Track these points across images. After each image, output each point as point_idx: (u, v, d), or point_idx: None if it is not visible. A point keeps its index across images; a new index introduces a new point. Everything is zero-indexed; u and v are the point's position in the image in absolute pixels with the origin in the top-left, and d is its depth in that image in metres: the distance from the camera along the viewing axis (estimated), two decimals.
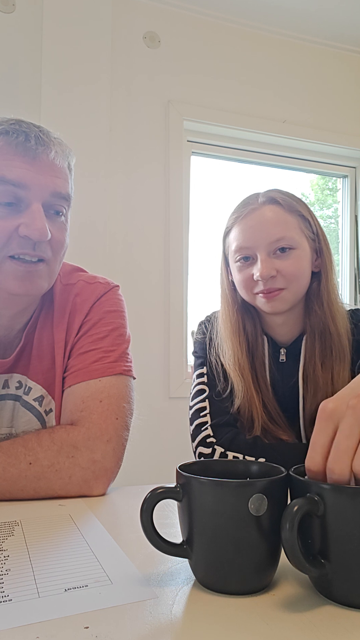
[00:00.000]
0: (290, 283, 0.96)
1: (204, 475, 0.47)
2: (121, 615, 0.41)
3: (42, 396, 0.89)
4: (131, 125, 2.40)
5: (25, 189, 0.77)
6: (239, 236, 0.98)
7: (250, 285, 0.98)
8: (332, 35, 2.74)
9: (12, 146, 0.77)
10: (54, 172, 0.81)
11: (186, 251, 2.54)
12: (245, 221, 0.98)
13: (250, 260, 0.98)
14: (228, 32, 2.61)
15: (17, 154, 0.77)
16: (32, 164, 0.78)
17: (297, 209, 0.99)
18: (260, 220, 0.97)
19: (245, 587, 0.45)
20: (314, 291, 1.01)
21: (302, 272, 0.97)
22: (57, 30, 2.18)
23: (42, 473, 0.76)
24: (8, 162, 0.77)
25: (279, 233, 0.95)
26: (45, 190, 0.79)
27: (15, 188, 0.77)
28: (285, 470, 0.49)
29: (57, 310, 0.92)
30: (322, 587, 0.45)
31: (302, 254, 0.97)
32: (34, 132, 0.80)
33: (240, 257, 0.98)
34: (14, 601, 0.43)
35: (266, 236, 0.95)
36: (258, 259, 0.96)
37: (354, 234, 2.90)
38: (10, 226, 0.78)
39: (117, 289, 0.99)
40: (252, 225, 0.97)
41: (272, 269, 0.94)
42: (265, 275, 0.94)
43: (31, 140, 0.78)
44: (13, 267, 0.79)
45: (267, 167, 2.81)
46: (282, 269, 0.95)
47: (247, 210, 0.99)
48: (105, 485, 0.80)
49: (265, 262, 0.94)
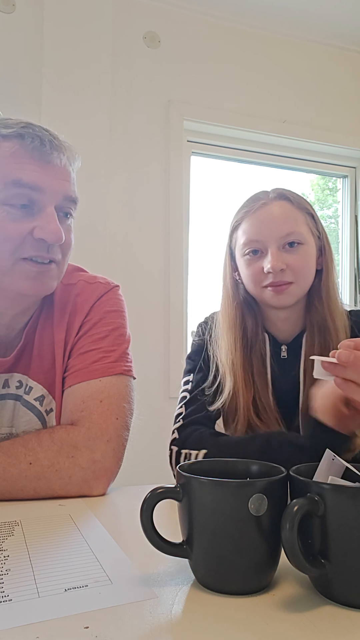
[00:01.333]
0: (299, 277, 0.97)
1: (204, 476, 0.47)
2: (121, 615, 0.41)
3: (42, 396, 0.89)
4: (131, 125, 2.40)
5: (40, 192, 0.79)
6: (250, 230, 0.99)
7: (259, 278, 0.98)
8: (332, 35, 2.74)
9: (28, 150, 0.78)
10: (64, 176, 0.82)
11: (186, 251, 2.54)
12: (256, 215, 0.99)
13: (259, 254, 0.99)
14: (228, 32, 2.60)
15: (32, 158, 0.79)
16: (46, 168, 0.80)
17: (305, 206, 1.02)
18: (271, 214, 0.98)
19: (245, 587, 0.45)
20: (316, 288, 1.02)
21: (309, 268, 0.99)
22: (57, 31, 2.18)
23: (42, 473, 0.76)
24: (24, 165, 0.78)
25: (289, 228, 0.97)
26: (58, 194, 0.81)
27: (31, 191, 0.78)
28: (285, 470, 0.49)
29: (57, 310, 0.92)
30: (322, 587, 0.45)
31: (309, 249, 0.99)
32: (47, 136, 0.81)
33: (250, 250, 0.99)
34: (14, 601, 0.43)
35: (277, 230, 0.97)
36: (268, 253, 0.97)
37: (354, 234, 2.90)
38: (24, 229, 0.79)
39: (118, 289, 1.00)
40: (262, 220, 0.98)
41: (282, 262, 0.95)
42: (276, 268, 0.94)
43: (46, 145, 0.80)
44: (26, 268, 0.80)
45: (267, 167, 2.81)
46: (291, 263, 0.96)
47: (257, 205, 1.00)
48: (105, 485, 0.80)
49: (276, 255, 0.96)
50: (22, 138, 0.79)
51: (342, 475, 0.54)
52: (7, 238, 0.78)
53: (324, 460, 0.54)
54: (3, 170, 0.77)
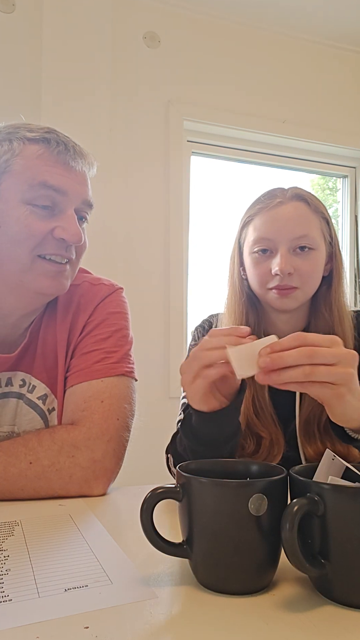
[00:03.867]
0: (305, 283, 0.95)
1: (203, 476, 0.47)
2: (121, 615, 0.41)
3: (45, 394, 0.90)
4: (131, 125, 2.40)
5: (63, 195, 0.82)
6: (261, 227, 0.97)
7: (265, 279, 0.96)
8: (332, 35, 2.74)
9: (54, 154, 0.82)
10: (84, 181, 0.87)
11: (186, 251, 2.54)
12: (270, 213, 0.96)
13: (268, 254, 0.96)
14: (228, 32, 2.60)
15: (58, 162, 0.82)
16: (70, 172, 0.83)
17: (321, 210, 0.99)
18: (286, 214, 0.95)
19: (245, 587, 0.45)
20: (323, 295, 1.00)
21: (316, 274, 0.97)
22: (57, 31, 2.18)
23: (42, 472, 0.76)
24: (50, 168, 0.82)
25: (302, 230, 0.94)
26: (79, 198, 0.85)
27: (55, 193, 0.82)
28: (285, 471, 0.49)
29: (60, 310, 0.93)
30: (322, 587, 0.45)
31: (319, 255, 0.97)
32: (70, 142, 0.85)
33: (259, 248, 0.96)
34: (14, 601, 0.44)
35: (290, 231, 0.94)
36: (278, 253, 0.94)
37: (354, 234, 2.90)
38: (46, 228, 0.81)
39: (121, 291, 1.01)
40: (276, 219, 0.95)
41: (291, 266, 0.93)
42: (284, 271, 0.92)
43: (70, 151, 0.84)
44: (45, 266, 0.83)
45: (267, 167, 2.81)
46: (299, 268, 0.94)
47: (273, 203, 0.97)
48: (105, 485, 0.80)
49: (286, 258, 0.93)
50: (47, 142, 0.83)
51: (342, 475, 0.54)
52: (30, 235, 0.81)
53: (324, 460, 0.54)
54: (30, 172, 0.81)
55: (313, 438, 0.95)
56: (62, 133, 0.87)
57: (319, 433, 0.95)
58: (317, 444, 0.94)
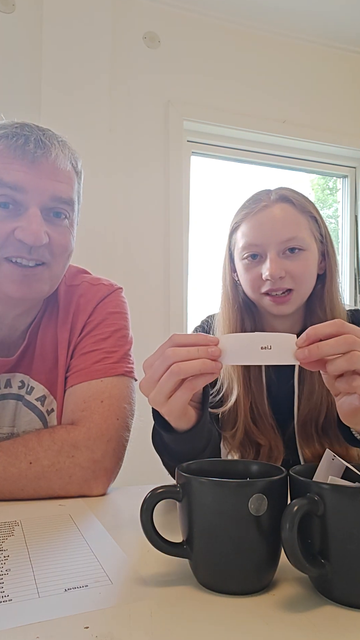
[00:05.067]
0: (299, 284, 0.94)
1: (203, 476, 0.47)
2: (121, 615, 0.41)
3: (44, 396, 0.90)
4: (131, 125, 2.40)
5: (22, 193, 0.77)
6: (249, 233, 0.96)
7: (257, 284, 0.96)
8: (332, 35, 2.74)
9: (12, 149, 0.77)
10: (54, 176, 0.80)
11: (186, 251, 2.54)
12: (256, 218, 0.95)
13: (258, 259, 0.95)
14: (228, 32, 2.60)
15: (15, 157, 0.77)
16: (31, 167, 0.78)
17: (308, 209, 0.98)
18: (272, 218, 0.94)
19: (245, 587, 0.45)
20: (318, 294, 0.99)
21: (310, 274, 0.96)
22: (57, 31, 2.18)
23: (42, 473, 0.76)
24: (6, 165, 0.77)
25: (290, 233, 0.93)
26: (44, 194, 0.79)
27: (13, 191, 0.77)
28: (285, 470, 0.49)
29: (61, 311, 0.92)
30: (322, 587, 0.45)
31: (310, 255, 0.96)
32: (35, 135, 0.79)
33: (248, 254, 0.96)
34: (14, 601, 0.43)
35: (277, 235, 0.93)
36: (267, 258, 0.94)
37: (354, 234, 2.90)
38: (7, 229, 0.77)
39: (121, 291, 1.00)
40: (263, 223, 0.95)
41: (282, 270, 0.92)
42: (274, 275, 0.91)
43: (30, 144, 0.78)
44: (10, 270, 0.79)
45: (267, 167, 2.81)
46: (291, 270, 0.93)
47: (258, 207, 0.96)
48: (105, 485, 0.80)
49: (275, 262, 0.92)
50: (8, 138, 0.78)
51: (342, 475, 0.54)
52: None
53: (324, 460, 0.54)
54: None
55: (311, 439, 0.95)
56: (34, 126, 0.82)
57: (316, 434, 0.95)
58: (315, 446, 0.94)
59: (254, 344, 0.56)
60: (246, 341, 0.57)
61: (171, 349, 0.59)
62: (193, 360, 0.58)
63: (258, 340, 0.56)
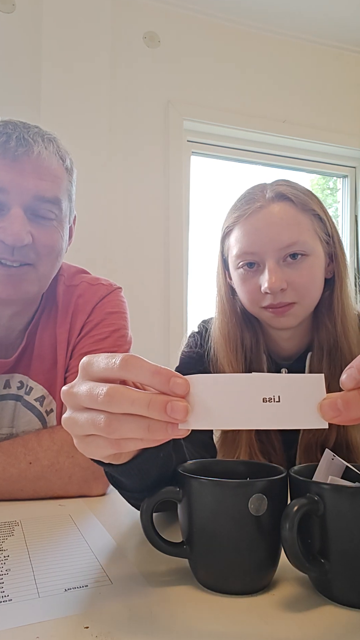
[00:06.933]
0: (302, 297, 0.83)
1: (203, 476, 0.47)
2: (121, 615, 0.41)
3: (43, 396, 0.89)
4: (131, 125, 2.40)
5: (4, 193, 0.76)
6: (243, 239, 0.84)
7: (256, 298, 0.84)
8: (332, 35, 2.74)
9: None
10: (37, 174, 0.78)
11: (186, 252, 2.54)
12: (249, 221, 0.83)
13: (256, 267, 0.84)
14: (228, 32, 2.60)
15: None
16: (12, 166, 0.76)
17: (310, 206, 0.85)
18: (268, 221, 0.82)
19: (245, 587, 0.45)
20: (326, 301, 0.87)
21: (315, 283, 0.84)
22: (56, 30, 2.18)
23: (42, 473, 0.76)
24: None
25: (290, 237, 0.81)
26: (27, 194, 0.77)
27: None
28: (285, 470, 0.49)
29: (60, 311, 0.92)
30: (322, 587, 0.45)
31: (315, 261, 0.84)
32: (17, 133, 0.77)
33: (244, 263, 0.84)
34: (14, 601, 0.43)
35: (275, 241, 0.81)
36: (265, 268, 0.82)
37: (354, 234, 2.90)
38: None
39: (120, 291, 0.99)
40: (258, 227, 0.82)
41: (283, 281, 0.80)
42: (274, 289, 0.80)
43: (11, 142, 0.76)
44: None
45: (267, 167, 2.81)
46: (293, 281, 0.81)
47: (252, 208, 0.83)
48: (105, 485, 0.80)
49: (275, 272, 0.80)
50: None
51: (342, 475, 0.54)
52: None
53: (324, 460, 0.54)
54: None
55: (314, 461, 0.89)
56: (19, 123, 0.79)
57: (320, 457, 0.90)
58: None
59: (251, 394, 0.36)
60: (236, 389, 0.36)
61: (114, 388, 0.38)
62: (136, 418, 0.38)
63: (257, 384, 0.35)
